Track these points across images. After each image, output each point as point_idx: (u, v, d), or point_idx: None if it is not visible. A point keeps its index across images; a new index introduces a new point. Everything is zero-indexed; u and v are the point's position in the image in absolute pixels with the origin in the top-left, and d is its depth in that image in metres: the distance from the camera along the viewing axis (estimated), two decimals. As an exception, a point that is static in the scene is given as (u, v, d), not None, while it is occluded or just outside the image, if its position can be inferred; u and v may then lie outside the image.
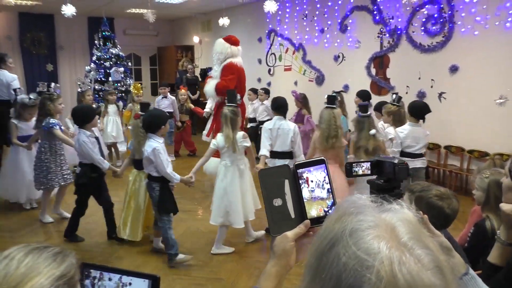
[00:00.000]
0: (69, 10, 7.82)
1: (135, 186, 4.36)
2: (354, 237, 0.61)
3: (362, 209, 0.66)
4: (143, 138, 4.01)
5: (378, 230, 0.61)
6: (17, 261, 0.79)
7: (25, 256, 0.80)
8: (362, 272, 0.58)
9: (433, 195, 1.97)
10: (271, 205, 0.96)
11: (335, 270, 0.60)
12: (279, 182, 0.97)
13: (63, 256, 0.84)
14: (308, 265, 0.66)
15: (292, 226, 0.96)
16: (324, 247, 0.64)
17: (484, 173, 2.48)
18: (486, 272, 1.70)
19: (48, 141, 4.88)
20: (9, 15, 11.26)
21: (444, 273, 0.60)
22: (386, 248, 0.59)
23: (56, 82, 11.39)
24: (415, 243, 0.61)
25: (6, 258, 0.80)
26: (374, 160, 1.70)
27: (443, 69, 6.33)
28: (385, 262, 0.57)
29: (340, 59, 8.12)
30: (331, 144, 3.95)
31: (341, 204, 0.70)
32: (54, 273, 0.79)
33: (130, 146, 4.50)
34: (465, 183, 6.19)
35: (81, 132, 4.26)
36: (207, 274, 3.83)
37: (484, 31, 5.78)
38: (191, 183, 4.11)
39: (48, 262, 0.80)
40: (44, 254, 0.82)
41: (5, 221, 5.08)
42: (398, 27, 6.92)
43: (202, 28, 12.15)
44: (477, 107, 5.94)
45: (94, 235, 4.68)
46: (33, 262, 0.79)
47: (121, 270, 0.96)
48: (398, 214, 0.65)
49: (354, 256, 0.59)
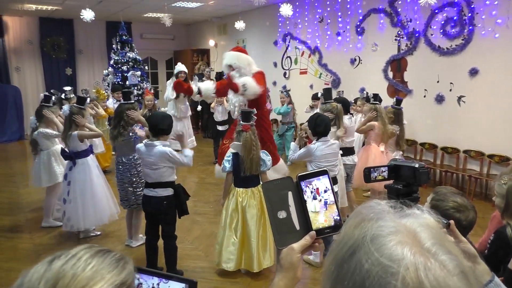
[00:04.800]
0: (88, 15, 7.96)
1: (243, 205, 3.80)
2: (376, 243, 0.60)
3: (382, 215, 0.65)
4: (256, 150, 3.65)
5: (400, 236, 0.60)
6: (84, 263, 0.78)
7: (92, 258, 0.79)
8: (387, 279, 0.56)
9: (450, 207, 1.88)
10: (276, 217, 0.96)
11: (358, 277, 0.59)
12: (283, 194, 0.97)
13: (124, 263, 0.82)
14: (328, 273, 0.65)
15: (297, 238, 0.96)
16: (344, 254, 0.63)
17: (503, 179, 2.41)
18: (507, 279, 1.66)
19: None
20: (30, 20, 11.53)
21: (468, 279, 0.58)
22: (410, 254, 0.57)
23: (74, 86, 11.65)
24: (438, 249, 0.59)
25: (74, 257, 0.79)
26: (392, 164, 1.67)
27: (462, 72, 6.22)
28: (410, 269, 0.56)
29: (356, 62, 8.06)
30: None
31: (360, 210, 0.69)
32: (116, 280, 0.78)
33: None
34: (485, 188, 6.06)
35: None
36: (223, 277, 3.83)
37: (505, 34, 5.67)
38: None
39: (112, 268, 0.79)
40: (108, 259, 0.80)
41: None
42: (416, 29, 6.84)
43: (218, 32, 12.22)
44: (498, 111, 5.82)
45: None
46: (98, 266, 0.78)
47: (160, 273, 0.94)
48: (419, 219, 0.64)
49: (378, 263, 0.58)
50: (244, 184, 3.75)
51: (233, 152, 3.73)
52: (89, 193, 4.48)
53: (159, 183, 3.61)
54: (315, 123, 3.81)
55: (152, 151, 3.55)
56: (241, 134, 3.66)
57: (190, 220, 4.05)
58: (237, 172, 3.69)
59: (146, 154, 3.58)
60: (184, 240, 4.53)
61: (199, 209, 5.55)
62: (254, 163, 3.63)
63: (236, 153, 3.70)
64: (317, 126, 3.79)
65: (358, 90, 7.77)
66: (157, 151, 3.53)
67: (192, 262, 4.14)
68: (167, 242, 3.76)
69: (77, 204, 4.43)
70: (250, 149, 3.60)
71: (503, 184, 2.36)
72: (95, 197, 4.51)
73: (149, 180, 3.64)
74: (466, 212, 1.88)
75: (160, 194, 3.62)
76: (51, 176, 4.97)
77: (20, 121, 11.00)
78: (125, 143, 4.24)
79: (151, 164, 3.57)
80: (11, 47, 11.39)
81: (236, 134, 3.77)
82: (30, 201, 5.98)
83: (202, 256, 4.27)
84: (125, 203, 4.33)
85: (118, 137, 4.22)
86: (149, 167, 3.59)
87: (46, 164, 4.96)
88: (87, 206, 4.45)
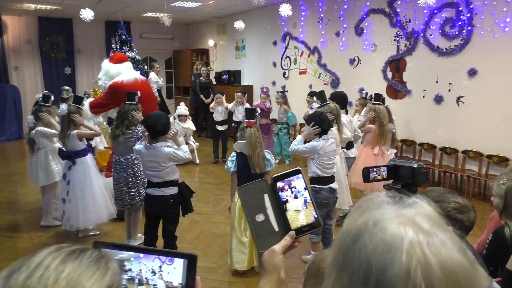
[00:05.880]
0: (87, 15, 7.95)
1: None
2: (379, 226, 0.62)
3: (382, 205, 0.67)
4: (260, 147, 3.65)
5: (401, 219, 0.63)
6: (55, 272, 0.62)
7: (63, 264, 0.64)
8: (391, 254, 0.58)
9: (452, 208, 1.87)
10: (254, 221, 0.96)
11: (364, 257, 0.60)
12: (259, 197, 0.98)
13: (106, 263, 0.68)
14: (333, 263, 0.66)
15: (277, 240, 0.96)
16: (348, 242, 0.64)
17: (502, 179, 2.41)
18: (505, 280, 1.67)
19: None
20: (29, 20, 11.52)
21: (468, 256, 0.61)
22: (412, 232, 0.60)
23: (73, 85, 11.64)
24: (437, 230, 0.62)
25: (40, 266, 0.63)
26: (391, 164, 1.68)
27: (461, 72, 6.23)
28: (413, 243, 0.59)
29: (355, 63, 8.07)
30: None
31: (360, 203, 0.70)
32: (100, 286, 0.64)
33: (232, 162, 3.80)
34: (483, 189, 6.07)
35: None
36: (221, 277, 3.84)
37: (504, 34, 5.68)
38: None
39: (92, 272, 0.65)
40: (85, 261, 0.66)
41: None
42: (415, 30, 6.84)
43: (217, 32, 12.22)
44: (497, 111, 5.83)
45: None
46: (73, 272, 0.63)
47: (155, 250, 0.86)
48: (418, 208, 0.66)
49: (382, 241, 0.60)
50: None
51: (237, 152, 3.74)
52: (89, 192, 4.49)
53: (164, 182, 3.63)
54: (320, 120, 3.82)
55: (155, 153, 3.54)
56: (245, 130, 3.67)
57: (189, 220, 4.06)
58: (242, 171, 3.69)
59: (148, 157, 3.58)
60: (184, 239, 4.54)
61: (198, 209, 5.54)
62: (261, 159, 3.63)
63: (239, 153, 3.71)
64: (322, 123, 3.81)
65: (357, 90, 7.77)
66: (161, 153, 3.53)
67: (191, 261, 4.13)
68: (167, 241, 3.76)
69: (77, 204, 4.43)
70: (256, 145, 3.61)
71: (502, 185, 2.36)
72: (95, 196, 4.52)
73: (154, 181, 3.64)
74: (468, 213, 1.87)
75: (166, 193, 3.63)
76: (49, 175, 4.97)
77: (19, 121, 10.99)
78: (125, 143, 4.24)
79: (155, 165, 3.57)
80: (10, 47, 11.37)
81: (239, 132, 3.78)
82: (29, 200, 5.98)
83: (201, 256, 4.27)
84: (119, 203, 4.36)
85: (119, 136, 4.23)
86: (153, 169, 3.59)
87: (44, 163, 4.96)
88: (87, 205, 4.46)
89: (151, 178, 3.66)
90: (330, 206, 3.95)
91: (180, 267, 0.84)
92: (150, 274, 0.84)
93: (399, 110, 6.88)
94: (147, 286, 0.84)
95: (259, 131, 3.76)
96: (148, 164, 3.61)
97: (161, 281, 0.83)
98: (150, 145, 3.57)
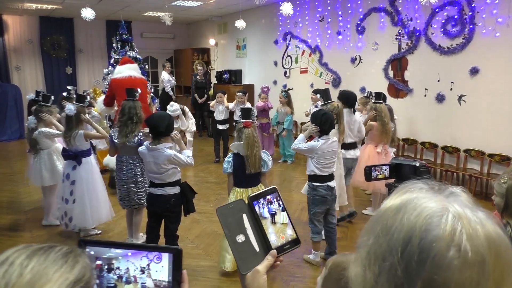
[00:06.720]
0: (88, 14, 7.94)
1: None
2: (420, 201, 0.64)
3: (422, 190, 0.68)
4: (258, 147, 3.65)
5: (444, 197, 0.65)
6: (19, 267, 0.63)
7: (28, 259, 0.64)
8: (437, 218, 0.60)
9: None
10: (236, 243, 0.94)
11: (406, 222, 0.61)
12: (238, 217, 0.96)
13: (75, 256, 0.68)
14: (368, 231, 0.66)
15: (259, 260, 0.95)
16: (388, 215, 0.65)
17: (502, 178, 2.40)
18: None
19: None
20: (30, 19, 11.52)
21: (505, 233, 0.63)
22: (457, 205, 0.62)
23: (74, 85, 11.63)
24: (475, 210, 0.63)
25: (4, 263, 0.63)
26: (393, 163, 1.67)
27: (463, 71, 6.21)
28: (459, 212, 0.61)
29: (357, 61, 8.05)
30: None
31: (399, 188, 0.71)
32: (67, 278, 0.64)
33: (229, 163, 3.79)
34: (485, 188, 6.06)
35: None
36: (223, 276, 3.83)
37: (506, 33, 5.66)
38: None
39: (58, 265, 0.65)
40: (52, 256, 0.66)
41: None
42: (416, 28, 6.82)
43: (218, 31, 12.21)
44: (499, 110, 5.81)
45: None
46: (39, 266, 0.64)
47: (140, 245, 0.86)
48: (457, 196, 0.67)
49: (426, 210, 0.61)
50: (245, 184, 3.74)
51: (233, 153, 3.73)
52: (93, 191, 4.49)
53: (166, 183, 3.62)
54: (321, 120, 3.80)
55: (156, 155, 3.53)
56: (242, 131, 3.65)
57: (190, 219, 4.06)
58: (238, 172, 3.69)
59: (150, 158, 3.57)
60: (185, 239, 4.53)
61: (199, 208, 5.53)
62: (258, 159, 3.63)
63: (236, 154, 3.70)
64: (322, 123, 3.80)
65: (359, 89, 7.76)
66: (162, 155, 3.51)
67: (193, 261, 4.14)
68: (169, 241, 3.76)
69: (83, 203, 4.42)
70: (253, 145, 3.61)
71: (503, 183, 2.34)
72: (98, 195, 4.53)
73: (156, 181, 3.63)
74: None
75: (168, 192, 3.63)
76: (55, 175, 4.92)
77: (20, 120, 10.99)
78: (130, 143, 4.13)
79: (157, 167, 3.56)
80: (11, 46, 11.38)
81: (236, 132, 3.76)
82: (30, 200, 5.98)
83: (202, 255, 4.27)
84: (126, 203, 4.27)
85: (129, 134, 4.09)
86: (154, 170, 3.58)
87: (48, 163, 4.93)
88: (92, 204, 4.46)
89: (153, 179, 3.66)
90: (329, 204, 3.96)
91: (167, 264, 0.84)
92: (138, 272, 0.84)
93: (400, 109, 6.87)
94: (135, 284, 0.84)
95: (256, 131, 3.75)
96: (149, 165, 3.60)
97: (149, 279, 0.83)
98: (151, 146, 3.55)
